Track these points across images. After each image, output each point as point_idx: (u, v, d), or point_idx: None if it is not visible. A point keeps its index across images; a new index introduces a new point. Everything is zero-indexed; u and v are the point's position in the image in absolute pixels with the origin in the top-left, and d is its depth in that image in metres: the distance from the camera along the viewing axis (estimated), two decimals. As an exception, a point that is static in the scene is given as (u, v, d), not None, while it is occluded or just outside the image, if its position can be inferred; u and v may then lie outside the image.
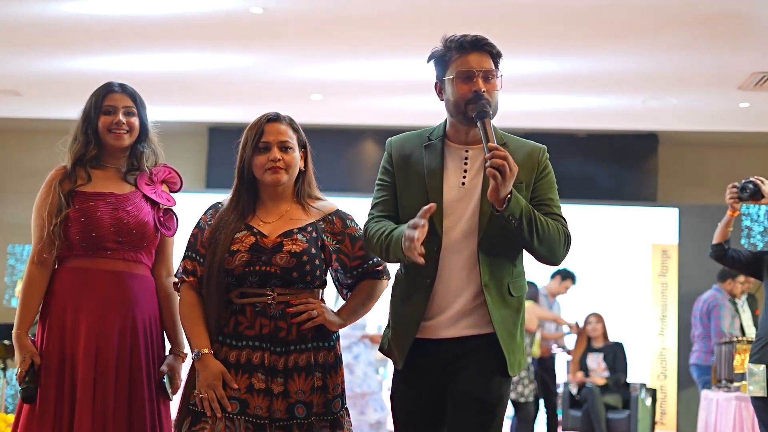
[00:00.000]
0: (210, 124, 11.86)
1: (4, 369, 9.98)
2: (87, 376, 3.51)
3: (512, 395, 8.94)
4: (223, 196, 3.57)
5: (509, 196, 3.05)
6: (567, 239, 3.23)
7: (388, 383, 11.03)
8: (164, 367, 3.70)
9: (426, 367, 3.27)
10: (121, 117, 3.68)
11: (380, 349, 3.42)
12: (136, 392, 3.58)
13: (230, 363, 3.30)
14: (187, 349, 3.73)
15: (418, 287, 3.27)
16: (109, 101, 3.69)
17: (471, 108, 3.18)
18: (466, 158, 3.28)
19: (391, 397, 3.39)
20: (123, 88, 3.74)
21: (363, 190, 11.31)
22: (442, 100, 3.31)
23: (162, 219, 3.76)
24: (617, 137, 11.58)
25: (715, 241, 5.91)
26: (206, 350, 3.30)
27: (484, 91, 3.19)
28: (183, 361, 3.76)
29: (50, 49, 8.91)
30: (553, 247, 3.19)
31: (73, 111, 3.81)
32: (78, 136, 3.70)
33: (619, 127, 11.31)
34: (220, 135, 11.80)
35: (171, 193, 3.88)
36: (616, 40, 8.14)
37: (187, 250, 3.46)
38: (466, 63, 3.23)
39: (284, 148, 3.40)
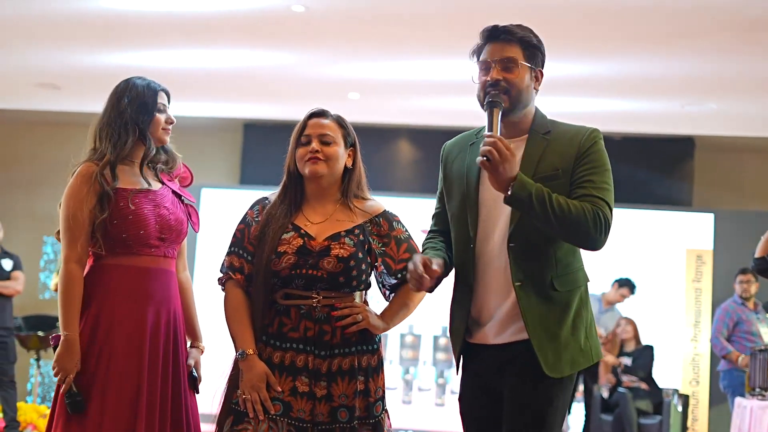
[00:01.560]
0: (245, 120, 11.89)
1: (38, 360, 10.06)
2: (141, 374, 3.47)
3: None
4: (258, 193, 3.56)
5: (513, 182, 2.97)
6: (597, 220, 3.02)
7: (419, 383, 11.05)
8: (191, 361, 3.69)
9: (480, 372, 3.24)
10: (171, 116, 3.67)
11: None
12: (175, 387, 3.57)
13: (274, 364, 3.30)
14: (204, 342, 3.75)
15: (463, 292, 3.25)
16: (161, 99, 3.65)
17: (487, 96, 3.11)
18: None
19: (458, 400, 3.36)
20: (163, 87, 3.71)
21: (397, 189, 11.32)
22: None
23: (190, 214, 3.73)
24: (653, 141, 11.52)
25: (757, 254, 5.83)
26: (251, 351, 3.29)
27: (500, 80, 3.10)
28: (201, 354, 3.74)
29: (90, 44, 8.96)
30: (577, 229, 3.01)
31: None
32: (125, 130, 3.56)
33: (656, 130, 11.25)
34: (255, 131, 11.83)
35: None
36: (655, 43, 8.09)
37: (233, 246, 3.42)
38: (483, 54, 3.16)
39: (324, 141, 3.37)
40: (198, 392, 3.70)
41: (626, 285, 10.23)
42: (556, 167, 3.10)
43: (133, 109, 3.59)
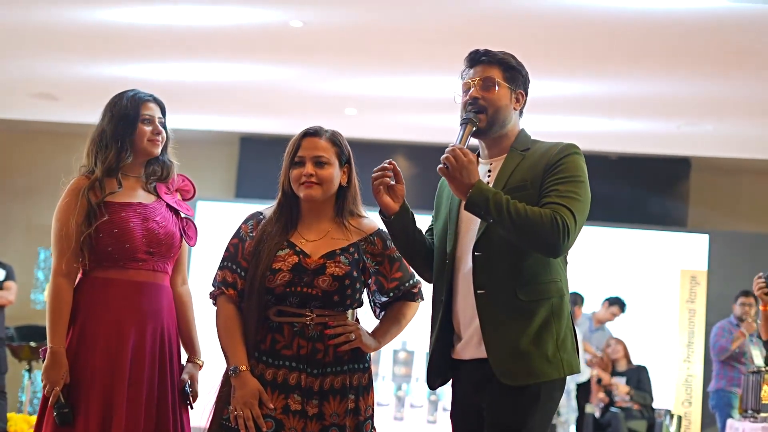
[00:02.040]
0: (242, 134, 11.89)
1: (30, 370, 10.03)
2: (121, 388, 3.47)
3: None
4: (253, 207, 3.55)
5: (472, 188, 3.02)
6: (554, 224, 2.99)
7: (411, 399, 11.02)
8: (185, 376, 3.68)
9: (463, 388, 3.26)
10: (158, 127, 3.64)
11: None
12: (163, 402, 3.56)
13: (266, 380, 3.28)
14: (203, 358, 3.74)
15: (437, 308, 3.27)
16: (146, 110, 3.62)
17: (464, 113, 3.22)
18: (489, 171, 3.25)
19: (450, 416, 3.36)
20: (154, 98, 3.69)
21: (393, 205, 11.30)
22: None
23: (185, 228, 3.72)
24: (649, 161, 11.54)
25: (764, 337, 5.80)
26: (244, 367, 3.27)
27: (478, 99, 3.19)
28: (200, 369, 3.74)
29: (88, 56, 8.97)
30: (533, 234, 3.00)
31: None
32: (109, 144, 3.58)
33: (652, 150, 11.27)
34: (251, 145, 11.83)
35: (184, 201, 3.81)
36: (653, 64, 8.11)
37: (225, 260, 3.40)
38: (466, 76, 3.26)
39: (319, 163, 3.34)
40: (191, 407, 3.69)
41: (616, 303, 10.24)
42: (525, 179, 3.13)
43: (115, 122, 3.60)
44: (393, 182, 3.22)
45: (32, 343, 9.90)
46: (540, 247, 3.07)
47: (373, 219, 3.49)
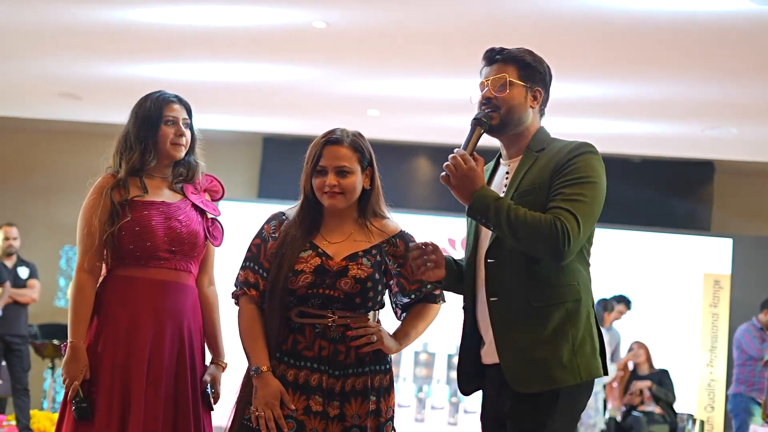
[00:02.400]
0: (265, 134, 11.91)
1: (53, 368, 10.09)
2: (139, 386, 3.49)
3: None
4: (276, 207, 3.54)
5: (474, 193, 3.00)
6: (555, 230, 2.93)
7: (432, 401, 11.01)
8: (207, 377, 3.68)
9: (488, 394, 3.24)
10: (182, 128, 3.67)
11: None
12: (182, 402, 3.57)
13: (288, 381, 3.28)
14: (227, 359, 3.74)
15: (465, 312, 3.27)
16: (170, 111, 3.65)
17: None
18: (507, 173, 3.22)
19: (480, 418, 3.35)
20: (179, 99, 3.71)
21: (415, 206, 11.31)
22: None
23: (210, 228, 3.73)
24: (672, 164, 11.48)
25: None
26: (265, 367, 3.27)
27: (492, 98, 3.15)
28: (223, 371, 3.75)
29: (111, 55, 9.00)
30: (534, 240, 2.96)
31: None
32: (133, 145, 3.62)
33: (676, 154, 11.22)
34: (274, 145, 11.85)
35: (212, 202, 3.83)
36: (677, 67, 8.08)
37: (248, 261, 3.40)
38: (482, 75, 3.23)
39: (341, 172, 3.33)
40: (212, 409, 3.69)
41: (622, 301, 10.18)
42: (534, 182, 3.09)
43: (139, 124, 3.64)
44: (433, 266, 3.17)
45: (55, 341, 9.98)
46: (542, 253, 3.01)
47: (395, 220, 3.48)
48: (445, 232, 10.73)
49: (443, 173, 3.04)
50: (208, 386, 3.67)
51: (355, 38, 7.97)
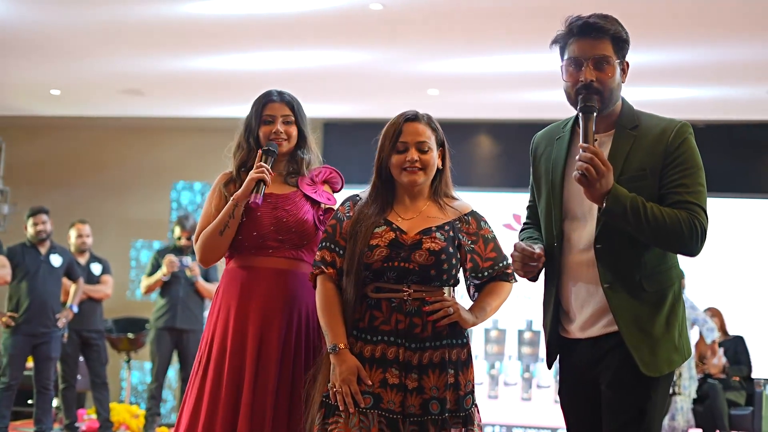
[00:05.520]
0: (325, 119, 11.96)
1: (129, 361, 10.26)
2: (250, 371, 3.61)
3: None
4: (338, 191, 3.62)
5: (608, 195, 2.92)
6: (693, 229, 2.95)
7: (505, 377, 11.02)
8: None
9: (575, 367, 3.22)
10: (279, 126, 3.79)
11: None
12: (298, 387, 3.64)
13: (365, 358, 3.33)
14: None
15: (549, 289, 3.26)
16: (268, 110, 3.81)
17: (580, 99, 3.02)
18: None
19: (558, 393, 3.37)
20: (281, 96, 3.85)
21: (477, 184, 11.30)
22: None
23: (322, 217, 3.82)
24: (737, 127, 11.32)
25: None
26: (342, 345, 3.33)
27: (593, 81, 3.01)
28: None
29: (173, 50, 9.11)
30: (672, 238, 2.97)
31: (194, 109, 3.88)
32: (242, 144, 3.85)
33: (740, 117, 11.07)
34: (335, 130, 11.88)
35: (333, 193, 3.93)
36: (738, 29, 7.97)
37: (324, 240, 3.47)
38: (574, 50, 3.05)
39: (422, 149, 3.40)
40: None
41: None
42: (643, 167, 3.03)
43: (246, 124, 3.88)
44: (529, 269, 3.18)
45: (130, 335, 10.13)
46: (678, 250, 3.05)
47: (466, 201, 3.54)
48: (510, 208, 10.71)
49: (577, 173, 2.92)
50: None
51: (412, 18, 7.98)
